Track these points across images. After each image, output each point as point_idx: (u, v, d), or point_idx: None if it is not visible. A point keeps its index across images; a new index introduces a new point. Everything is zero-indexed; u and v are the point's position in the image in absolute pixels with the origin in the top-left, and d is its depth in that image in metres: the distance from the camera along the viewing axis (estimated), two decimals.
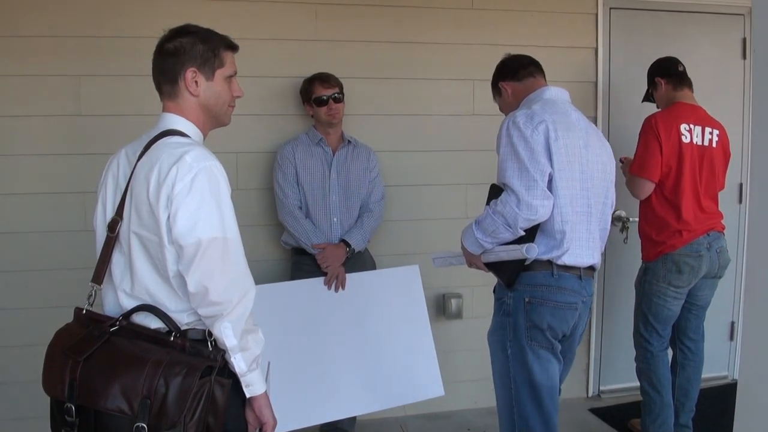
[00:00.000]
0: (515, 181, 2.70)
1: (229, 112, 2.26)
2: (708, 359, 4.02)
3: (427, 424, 4.19)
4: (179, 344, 1.98)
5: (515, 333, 2.83)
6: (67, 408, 1.93)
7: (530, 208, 2.66)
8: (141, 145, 2.12)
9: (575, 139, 2.80)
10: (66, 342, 2.01)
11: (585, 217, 2.83)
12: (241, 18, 3.94)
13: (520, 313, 2.81)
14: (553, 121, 2.76)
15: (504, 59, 3.21)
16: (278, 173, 3.83)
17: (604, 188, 2.92)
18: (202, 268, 1.93)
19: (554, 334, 2.81)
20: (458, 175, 4.35)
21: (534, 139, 2.71)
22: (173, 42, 2.18)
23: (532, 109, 2.82)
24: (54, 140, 3.76)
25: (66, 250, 3.71)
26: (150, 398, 1.87)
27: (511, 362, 2.85)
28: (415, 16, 4.21)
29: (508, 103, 3.11)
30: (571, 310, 2.82)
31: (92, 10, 3.76)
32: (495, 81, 3.20)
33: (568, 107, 2.92)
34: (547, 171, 2.71)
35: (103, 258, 2.08)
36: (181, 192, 1.93)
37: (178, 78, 2.14)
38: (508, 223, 2.71)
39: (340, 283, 3.69)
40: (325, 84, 3.82)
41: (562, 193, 2.74)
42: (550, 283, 2.79)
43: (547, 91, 2.98)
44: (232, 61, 2.24)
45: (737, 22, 4.76)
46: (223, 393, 1.98)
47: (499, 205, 2.74)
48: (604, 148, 2.96)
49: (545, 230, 2.77)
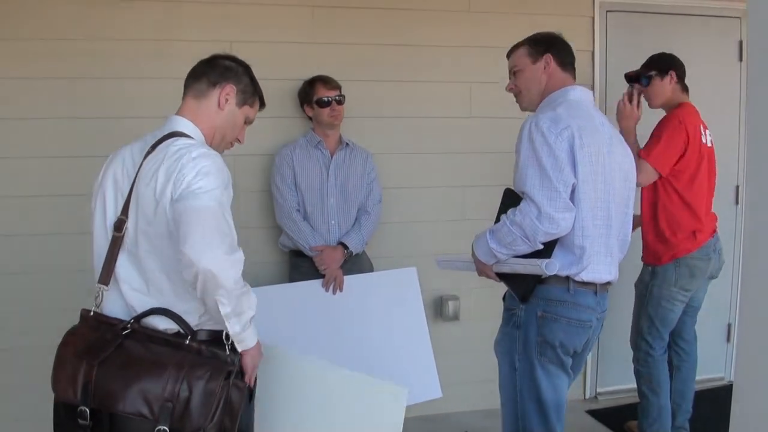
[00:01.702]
0: (536, 191, 2.52)
1: (227, 147, 2.37)
2: (705, 361, 4.02)
3: (425, 426, 4.18)
4: (195, 348, 2.00)
5: (525, 347, 2.70)
6: (81, 411, 1.93)
7: (552, 222, 2.49)
8: (146, 145, 2.13)
9: (600, 146, 2.62)
10: (78, 345, 2.01)
11: (605, 230, 2.66)
12: (236, 20, 3.94)
13: (532, 327, 2.67)
14: (579, 127, 2.56)
15: (557, 36, 2.87)
16: (276, 176, 3.84)
17: (625, 197, 2.77)
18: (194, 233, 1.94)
19: (566, 351, 2.68)
20: (455, 178, 4.35)
21: (558, 146, 2.52)
22: (228, 61, 2.32)
23: (557, 112, 2.60)
24: (49, 143, 3.76)
25: (62, 253, 3.70)
26: (172, 402, 1.89)
27: (519, 376, 2.73)
28: (411, 18, 4.22)
29: (539, 80, 2.79)
30: (585, 327, 2.68)
31: (87, 13, 3.75)
32: (542, 47, 2.81)
33: (592, 110, 2.74)
34: (571, 181, 2.53)
35: (110, 258, 2.08)
36: (186, 170, 1.98)
37: (218, 84, 2.25)
38: (527, 236, 2.54)
39: (338, 285, 3.70)
40: (328, 85, 3.82)
41: (584, 206, 2.57)
42: (566, 298, 2.63)
43: (572, 91, 2.74)
44: (255, 112, 2.39)
45: (734, 25, 4.77)
46: (240, 396, 2.01)
47: (518, 216, 2.56)
48: (626, 154, 2.80)
49: (565, 244, 2.60)
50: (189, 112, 2.22)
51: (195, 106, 2.23)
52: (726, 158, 4.64)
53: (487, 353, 4.42)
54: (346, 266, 3.77)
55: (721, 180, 4.00)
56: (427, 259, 4.19)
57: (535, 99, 2.82)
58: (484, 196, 4.32)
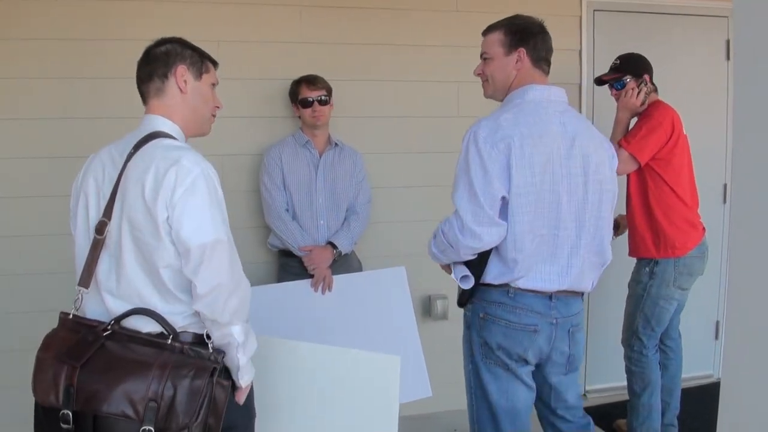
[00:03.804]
0: (462, 203, 2.51)
1: (211, 121, 2.34)
2: (693, 358, 4.04)
3: (415, 425, 4.18)
4: (177, 347, 2.00)
5: (471, 347, 2.72)
6: (64, 415, 1.91)
7: (474, 236, 2.48)
8: (126, 145, 2.11)
9: (549, 154, 2.50)
10: (58, 348, 1.99)
11: (551, 240, 2.56)
12: (225, 20, 3.93)
13: (475, 328, 2.69)
14: (521, 135, 2.46)
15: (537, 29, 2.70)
16: (264, 176, 3.83)
17: (596, 201, 2.62)
18: (211, 269, 1.96)
19: (508, 355, 2.61)
20: (444, 177, 4.32)
21: (491, 159, 2.45)
22: (162, 47, 2.25)
23: (499, 121, 2.52)
24: (40, 143, 3.74)
25: (51, 254, 3.69)
26: (157, 401, 1.88)
27: (471, 376, 2.76)
28: (399, 18, 4.22)
29: (508, 75, 2.68)
30: (528, 332, 2.58)
31: (77, 13, 3.74)
32: (517, 40, 2.68)
33: (550, 112, 2.59)
34: (500, 195, 2.46)
35: (91, 261, 2.06)
36: (184, 196, 1.95)
37: (169, 73, 2.21)
38: (452, 246, 2.56)
39: (327, 285, 3.70)
40: (311, 86, 3.82)
41: (520, 218, 2.48)
42: (505, 301, 2.59)
43: (531, 91, 2.62)
44: (214, 73, 2.33)
45: (721, 25, 4.79)
46: (224, 394, 2.01)
47: (446, 226, 2.58)
48: (598, 155, 2.64)
49: (499, 254, 2.56)
50: (159, 110, 2.20)
51: (160, 104, 2.21)
52: (713, 157, 4.67)
53: None
54: (335, 266, 3.77)
55: (709, 178, 4.02)
56: (416, 259, 4.20)
57: (499, 91, 2.74)
58: None
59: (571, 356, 2.72)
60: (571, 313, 2.67)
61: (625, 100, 3.72)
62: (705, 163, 3.90)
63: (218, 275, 1.98)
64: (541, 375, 2.74)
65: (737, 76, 1.46)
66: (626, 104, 3.71)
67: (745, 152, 1.44)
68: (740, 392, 1.43)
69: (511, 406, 2.66)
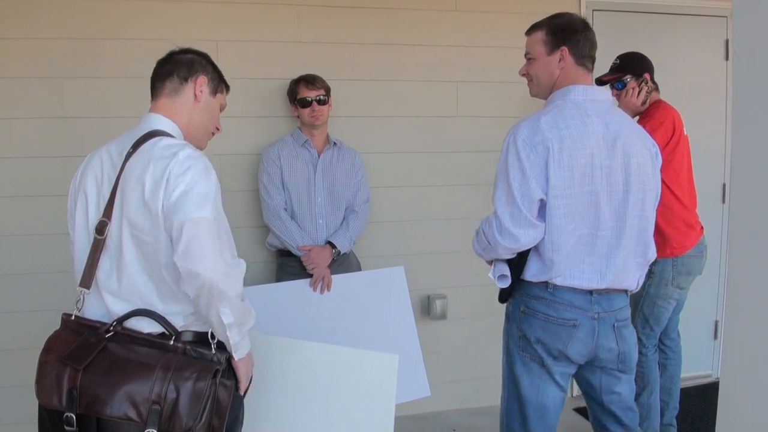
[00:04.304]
0: (501, 205, 2.53)
1: (209, 138, 2.37)
2: (692, 358, 4.04)
3: (413, 424, 4.19)
4: (180, 348, 1.99)
5: (510, 340, 2.73)
6: (68, 418, 1.90)
7: (511, 237, 2.51)
8: (124, 145, 2.11)
9: (589, 156, 2.50)
10: (61, 350, 1.98)
11: (590, 240, 2.56)
12: (223, 20, 3.93)
13: (515, 321, 2.69)
14: (561, 138, 2.47)
15: (580, 26, 2.70)
16: (263, 175, 3.83)
17: (639, 199, 2.61)
18: (197, 246, 1.94)
19: (547, 350, 2.60)
20: (442, 177, 4.36)
21: (530, 161, 2.47)
22: (188, 54, 2.30)
23: (540, 122, 2.52)
24: (38, 143, 3.74)
25: (49, 253, 3.69)
26: (160, 404, 1.88)
27: (506, 368, 2.77)
28: (398, 17, 4.22)
29: (552, 73, 2.68)
30: (567, 326, 2.58)
31: (75, 12, 3.74)
32: (560, 39, 2.67)
33: (591, 113, 2.57)
34: (537, 197, 2.48)
35: (91, 261, 2.05)
36: (176, 175, 1.96)
37: (189, 78, 2.25)
38: (491, 246, 2.60)
39: (326, 284, 3.69)
40: (310, 86, 3.82)
41: (558, 220, 2.50)
42: (545, 296, 2.60)
43: (573, 91, 2.61)
44: (225, 97, 2.40)
45: (720, 24, 4.79)
46: (227, 395, 2.00)
47: (486, 225, 2.62)
48: (642, 155, 2.62)
49: (538, 253, 2.58)
50: (164, 110, 2.20)
51: (170, 103, 2.21)
52: (712, 156, 4.67)
53: (474, 352, 4.45)
54: (334, 266, 3.77)
55: (708, 178, 4.02)
56: (414, 258, 4.21)
57: (544, 90, 2.73)
58: (471, 194, 4.34)
59: (621, 353, 2.68)
60: (614, 308, 2.65)
61: (626, 100, 3.72)
62: (704, 162, 3.90)
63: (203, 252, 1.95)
64: (591, 373, 2.73)
65: (736, 75, 1.46)
66: (627, 104, 3.71)
67: (744, 152, 1.44)
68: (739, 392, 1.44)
69: (541, 402, 2.66)
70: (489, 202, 3.77)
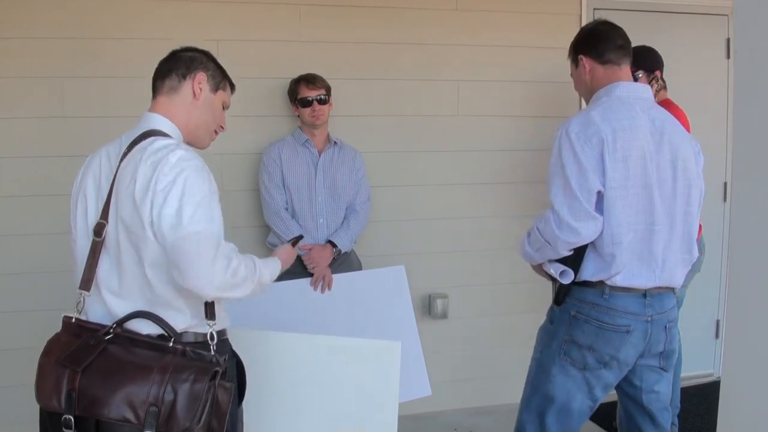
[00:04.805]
0: (558, 199, 2.52)
1: (212, 137, 2.34)
2: (693, 357, 4.04)
3: (414, 424, 4.18)
4: (179, 350, 1.99)
5: (551, 342, 2.69)
6: (66, 420, 1.90)
7: (571, 230, 2.49)
8: (121, 145, 2.10)
9: (641, 148, 2.52)
10: (60, 352, 1.97)
11: (646, 235, 2.56)
12: (224, 19, 3.93)
13: (563, 325, 2.65)
14: (613, 130, 2.49)
15: (592, 28, 2.84)
16: (264, 175, 3.83)
17: (685, 195, 2.63)
18: (188, 260, 1.92)
19: (598, 357, 2.59)
20: (443, 176, 4.36)
21: (585, 154, 2.48)
22: (189, 52, 2.28)
23: (590, 116, 2.54)
24: (38, 142, 3.74)
25: (49, 253, 3.68)
26: (157, 406, 1.87)
27: (536, 365, 2.75)
28: (398, 17, 4.22)
29: (585, 82, 2.79)
30: (620, 332, 2.56)
31: (77, 12, 3.74)
32: (575, 49, 2.82)
33: (637, 108, 2.60)
34: (596, 189, 2.48)
35: (91, 264, 2.05)
36: (164, 188, 1.93)
37: (188, 76, 2.22)
38: (549, 243, 2.57)
39: (327, 284, 3.69)
40: (310, 85, 3.82)
41: (616, 212, 2.50)
42: (599, 302, 2.58)
43: (617, 88, 2.65)
44: (230, 95, 2.37)
45: (721, 23, 4.79)
46: (227, 397, 1.99)
47: (542, 223, 2.59)
48: (688, 149, 2.66)
49: (596, 250, 2.56)
50: (162, 109, 2.18)
51: (168, 102, 2.19)
52: (713, 155, 4.66)
53: (476, 351, 4.45)
54: (335, 265, 3.77)
55: (709, 177, 3.99)
56: (415, 258, 4.20)
57: (588, 98, 2.82)
58: (472, 194, 4.34)
59: (665, 351, 2.69)
60: (666, 308, 2.66)
61: None
62: (705, 161, 3.89)
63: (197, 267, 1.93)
64: (633, 372, 2.71)
65: (737, 74, 1.46)
66: None
67: (745, 150, 1.44)
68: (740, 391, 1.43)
69: (567, 402, 2.65)
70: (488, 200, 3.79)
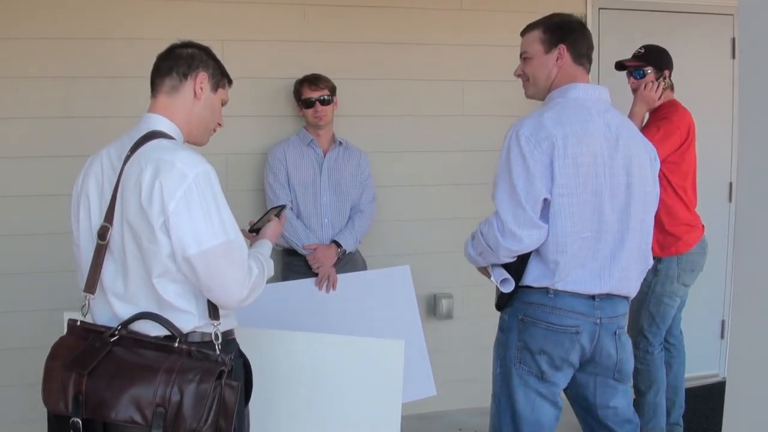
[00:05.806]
0: (504, 204, 2.44)
1: (210, 134, 2.34)
2: (699, 358, 4.04)
3: (419, 424, 4.19)
4: (185, 350, 1.99)
5: (506, 351, 2.60)
6: (74, 423, 1.90)
7: (514, 238, 2.41)
8: (123, 147, 2.09)
9: (593, 154, 2.43)
10: (66, 356, 1.98)
11: (593, 243, 2.47)
12: (228, 19, 3.94)
13: (513, 331, 2.57)
14: (565, 135, 2.40)
15: (579, 23, 2.69)
16: (269, 174, 3.83)
17: (640, 202, 2.54)
18: (212, 275, 1.96)
19: (550, 360, 2.50)
20: (448, 176, 4.36)
21: (534, 158, 2.38)
22: (188, 49, 2.25)
23: (543, 119, 2.44)
24: (43, 142, 3.75)
25: (50, 253, 3.68)
26: (164, 407, 1.87)
27: (498, 381, 2.64)
28: (403, 16, 4.22)
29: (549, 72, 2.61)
30: (569, 333, 2.49)
31: (79, 12, 3.75)
32: (557, 37, 2.60)
33: (593, 111, 2.51)
34: (542, 196, 2.40)
35: (95, 267, 2.05)
36: (177, 208, 1.93)
37: (189, 75, 2.20)
38: (491, 248, 2.49)
39: (332, 283, 3.69)
40: (313, 86, 3.82)
41: (563, 220, 2.42)
42: (545, 302, 2.49)
43: (573, 90, 2.55)
44: (227, 92, 2.35)
45: (726, 22, 4.78)
46: (234, 396, 1.98)
47: (486, 227, 2.51)
48: (642, 156, 2.57)
49: (540, 256, 2.48)
50: (163, 109, 2.17)
51: (168, 101, 2.18)
52: (719, 155, 4.66)
53: (480, 351, 4.43)
54: (340, 265, 3.77)
55: (714, 177, 4.01)
56: (420, 258, 4.20)
57: (541, 90, 2.65)
58: (477, 194, 4.32)
59: (619, 361, 2.60)
60: (617, 313, 2.59)
61: (644, 92, 3.68)
62: (710, 161, 3.89)
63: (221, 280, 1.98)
64: (585, 385, 2.64)
65: (742, 74, 1.46)
66: (644, 97, 3.68)
67: (750, 150, 1.43)
68: (746, 391, 1.43)
69: (536, 419, 2.56)
70: None
